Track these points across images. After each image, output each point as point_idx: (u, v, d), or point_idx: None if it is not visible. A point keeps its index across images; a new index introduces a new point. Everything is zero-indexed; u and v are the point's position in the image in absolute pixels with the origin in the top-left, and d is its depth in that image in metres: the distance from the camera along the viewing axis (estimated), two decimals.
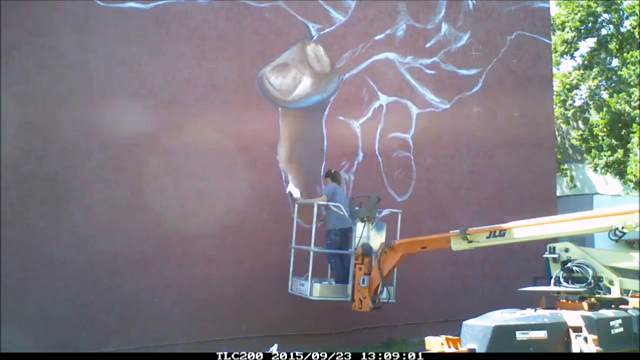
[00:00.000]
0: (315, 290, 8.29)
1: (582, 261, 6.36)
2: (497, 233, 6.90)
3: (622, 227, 6.01)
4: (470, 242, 7.02)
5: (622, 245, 6.29)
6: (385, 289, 8.12)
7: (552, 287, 6.54)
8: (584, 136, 20.96)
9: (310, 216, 8.76)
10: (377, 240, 8.24)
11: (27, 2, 7.89)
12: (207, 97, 8.96)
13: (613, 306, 6.21)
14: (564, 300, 6.31)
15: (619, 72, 19.63)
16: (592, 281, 6.21)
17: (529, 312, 6.05)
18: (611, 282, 6.22)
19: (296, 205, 9.18)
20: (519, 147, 11.53)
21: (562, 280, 6.42)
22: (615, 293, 6.21)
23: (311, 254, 8.42)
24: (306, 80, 9.64)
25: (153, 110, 8.58)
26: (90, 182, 8.15)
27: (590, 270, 6.25)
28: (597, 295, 6.24)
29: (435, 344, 5.89)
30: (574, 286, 6.32)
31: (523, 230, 6.84)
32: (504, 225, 6.90)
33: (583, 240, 9.43)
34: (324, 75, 9.80)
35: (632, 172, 19.17)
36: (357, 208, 8.39)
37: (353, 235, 8.39)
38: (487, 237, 6.96)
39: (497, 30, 11.59)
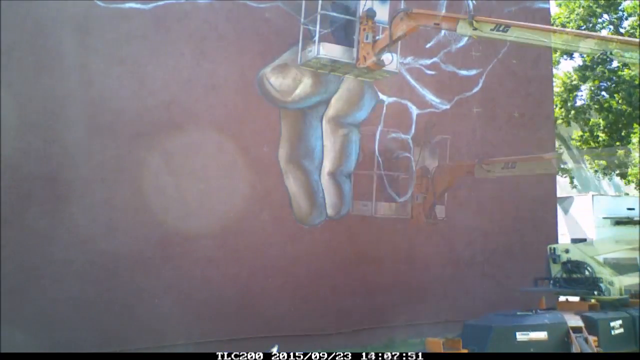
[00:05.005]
0: (379, 209, 9.45)
1: (581, 262, 6.38)
2: (510, 165, 8.36)
3: (611, 53, 6.41)
4: (488, 171, 8.54)
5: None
6: (440, 207, 9.55)
7: (540, 288, 6.59)
8: (584, 137, 20.92)
9: (309, 217, 9.49)
10: (431, 162, 9.57)
11: (27, 2, 7.88)
12: (207, 97, 8.95)
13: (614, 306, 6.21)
14: (565, 301, 6.32)
15: (619, 73, 19.58)
16: (589, 281, 6.23)
17: (530, 312, 6.06)
18: (611, 283, 6.23)
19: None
20: (519, 148, 11.51)
21: (561, 281, 6.44)
22: (615, 293, 6.22)
23: (374, 177, 9.52)
24: (306, 80, 9.62)
25: (153, 110, 8.57)
26: (90, 182, 8.14)
27: (587, 271, 6.27)
28: (599, 297, 6.25)
29: (435, 344, 5.89)
30: (570, 288, 6.35)
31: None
32: (514, 158, 8.37)
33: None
34: (324, 75, 9.77)
35: (633, 173, 19.14)
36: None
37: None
38: (502, 168, 8.41)
39: None
